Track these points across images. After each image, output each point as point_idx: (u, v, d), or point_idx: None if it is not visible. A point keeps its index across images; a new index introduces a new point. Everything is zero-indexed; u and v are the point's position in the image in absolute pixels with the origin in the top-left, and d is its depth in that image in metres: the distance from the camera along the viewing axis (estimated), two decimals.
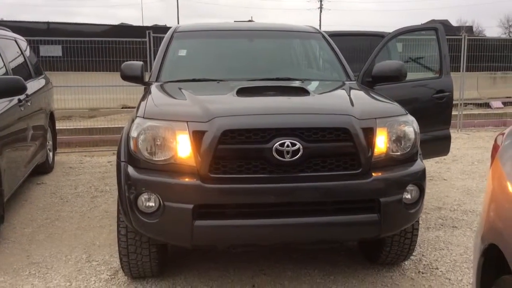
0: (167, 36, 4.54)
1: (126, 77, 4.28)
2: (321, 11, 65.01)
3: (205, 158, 2.85)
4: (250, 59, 4.45)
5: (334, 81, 4.19)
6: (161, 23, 40.82)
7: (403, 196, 3.04)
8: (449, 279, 3.55)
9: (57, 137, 7.46)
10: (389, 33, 5.85)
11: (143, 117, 3.04)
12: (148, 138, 2.96)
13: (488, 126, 11.70)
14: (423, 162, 3.26)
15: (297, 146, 2.85)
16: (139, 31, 18.21)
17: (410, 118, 3.22)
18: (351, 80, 4.25)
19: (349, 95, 3.46)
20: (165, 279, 3.53)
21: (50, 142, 6.85)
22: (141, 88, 10.71)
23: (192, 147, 2.88)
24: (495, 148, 2.16)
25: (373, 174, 2.98)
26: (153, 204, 2.91)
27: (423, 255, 3.95)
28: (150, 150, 2.96)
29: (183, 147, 2.91)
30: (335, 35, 5.28)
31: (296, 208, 2.94)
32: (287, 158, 2.85)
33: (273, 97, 3.51)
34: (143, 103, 3.34)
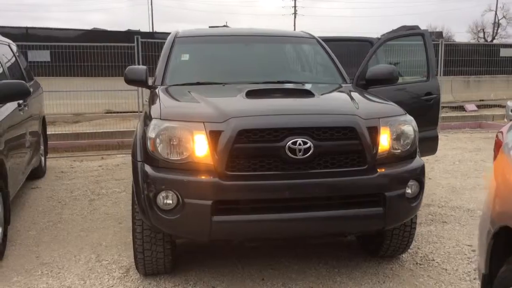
0: (168, 41, 4.68)
1: (129, 81, 4.41)
2: (295, 17, 65.68)
3: (222, 156, 3.00)
4: (250, 63, 4.63)
5: (332, 84, 4.40)
6: (134, 27, 40.68)
7: (406, 191, 3.26)
8: (446, 269, 3.78)
9: None
10: (375, 38, 6.12)
11: (160, 119, 3.17)
12: (166, 138, 3.10)
13: (464, 128, 12.14)
14: (421, 159, 3.48)
15: (308, 144, 3.03)
16: (114, 35, 18.22)
17: (409, 117, 3.45)
18: (346, 83, 4.47)
19: (351, 97, 3.67)
20: (177, 275, 3.66)
21: (42, 147, 6.88)
22: (124, 93, 10.82)
23: (209, 146, 3.04)
24: (497, 144, 2.38)
25: (378, 170, 3.19)
26: (172, 201, 3.05)
27: (418, 248, 4.18)
28: (168, 149, 3.10)
29: (200, 147, 3.06)
30: (323, 40, 5.50)
31: (308, 203, 3.12)
32: (299, 156, 3.03)
33: (281, 98, 3.69)
34: (155, 105, 3.48)
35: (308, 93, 3.67)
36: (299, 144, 3.02)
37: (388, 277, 3.64)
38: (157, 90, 4.00)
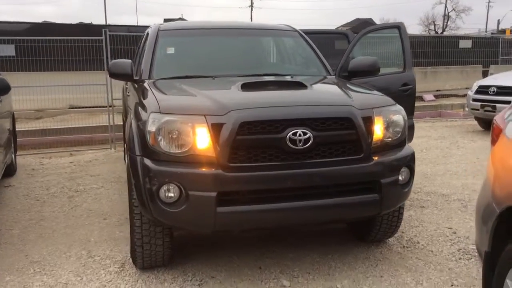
0: (152, 34, 4.65)
1: (114, 75, 4.35)
2: (252, 9, 65.75)
3: (224, 148, 3.04)
4: (236, 57, 4.67)
5: (317, 76, 4.50)
6: (86, 20, 39.68)
7: (398, 177, 3.40)
8: (432, 251, 3.96)
9: None
10: (349, 31, 6.27)
11: (160, 112, 3.17)
12: (167, 132, 3.10)
13: (425, 117, 12.59)
14: (411, 147, 3.63)
15: (308, 135, 3.11)
16: (68, 29, 17.74)
17: (399, 107, 3.59)
18: (330, 75, 4.58)
19: (342, 88, 3.78)
20: (174, 267, 3.68)
21: (12, 144, 6.68)
22: (87, 88, 10.56)
23: (211, 139, 3.07)
24: (496, 129, 2.53)
25: (373, 158, 3.31)
26: (175, 194, 3.07)
27: (403, 232, 4.35)
28: (169, 143, 3.11)
29: (202, 139, 3.09)
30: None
31: (309, 191, 3.21)
32: (300, 146, 3.11)
33: (277, 91, 3.75)
34: (150, 99, 3.47)
35: (301, 85, 3.75)
36: (299, 135, 3.10)
37: (379, 260, 3.79)
38: (146, 84, 3.98)
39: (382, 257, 3.86)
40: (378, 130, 3.39)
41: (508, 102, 9.00)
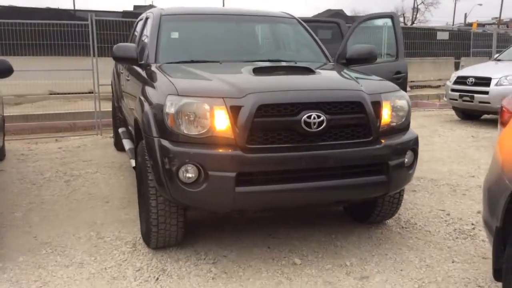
0: (154, 19, 4.68)
1: (118, 58, 4.38)
2: None
3: (242, 130, 3.14)
4: (239, 42, 4.75)
5: (319, 62, 4.62)
6: (52, 5, 38.84)
7: (404, 160, 3.57)
8: (429, 231, 4.17)
9: None
10: (341, 21, 6.42)
11: (178, 95, 3.24)
12: (186, 114, 3.18)
13: None
14: (414, 131, 3.81)
15: (321, 118, 3.24)
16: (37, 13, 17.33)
17: (404, 93, 3.76)
18: (329, 62, 4.72)
19: (349, 74, 3.92)
20: (185, 247, 3.77)
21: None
22: (68, 73, 10.41)
23: (230, 120, 3.16)
24: (505, 112, 2.71)
25: (381, 141, 3.47)
26: (193, 175, 3.15)
27: (399, 214, 4.54)
28: (188, 124, 3.19)
29: (220, 121, 3.18)
30: None
31: (321, 173, 3.34)
32: (314, 129, 3.24)
33: (288, 75, 3.86)
34: (163, 81, 3.53)
35: (309, 71, 3.87)
36: (314, 118, 3.22)
37: (382, 240, 3.97)
38: (154, 68, 4.04)
39: (384, 237, 4.04)
40: (386, 114, 3.54)
41: (485, 93, 9.36)
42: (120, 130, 6.24)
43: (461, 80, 10.06)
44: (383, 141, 3.47)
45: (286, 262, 3.56)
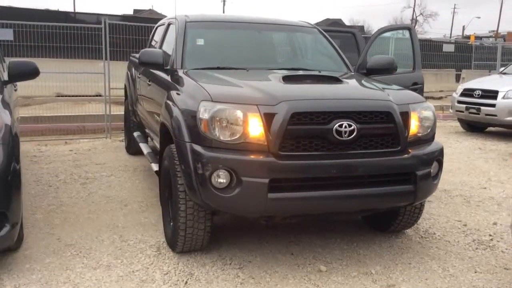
0: (180, 25, 4.71)
1: (144, 63, 4.43)
2: (224, 4, 65.65)
3: (275, 137, 3.19)
4: (263, 50, 4.81)
5: (342, 72, 4.68)
6: (51, 7, 38.96)
7: (431, 170, 3.62)
8: (449, 241, 4.21)
9: None
10: (356, 31, 6.50)
11: (212, 101, 3.29)
12: (220, 120, 3.23)
13: None
14: (440, 142, 3.86)
15: (352, 127, 3.29)
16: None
17: (430, 104, 3.81)
18: (351, 71, 4.78)
19: (374, 84, 3.98)
20: (209, 252, 3.79)
21: None
22: (75, 76, 10.44)
23: (263, 127, 3.21)
24: None
25: (409, 151, 3.52)
26: (225, 180, 3.19)
27: (418, 224, 4.58)
28: (221, 130, 3.23)
29: (254, 128, 3.22)
30: None
31: (351, 181, 3.39)
32: (345, 137, 3.28)
33: (318, 84, 3.91)
34: (195, 88, 3.58)
35: (336, 80, 3.93)
36: (345, 127, 3.27)
37: (403, 249, 4.01)
38: (181, 73, 4.08)
39: (405, 246, 4.08)
40: (413, 125, 3.60)
41: (492, 105, 9.46)
42: (135, 134, 6.27)
43: (467, 93, 10.15)
44: (410, 151, 3.52)
45: (311, 268, 3.59)
